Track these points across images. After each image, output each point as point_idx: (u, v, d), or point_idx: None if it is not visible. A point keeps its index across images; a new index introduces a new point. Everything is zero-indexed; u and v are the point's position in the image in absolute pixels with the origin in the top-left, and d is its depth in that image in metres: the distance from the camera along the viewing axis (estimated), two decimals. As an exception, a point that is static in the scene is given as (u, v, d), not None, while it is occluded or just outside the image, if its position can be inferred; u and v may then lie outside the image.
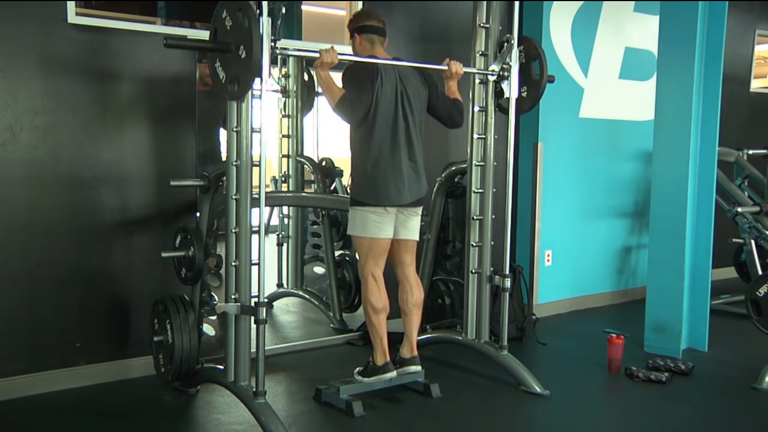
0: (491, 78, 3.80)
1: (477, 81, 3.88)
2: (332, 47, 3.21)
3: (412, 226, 3.49)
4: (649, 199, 4.54)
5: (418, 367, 3.51)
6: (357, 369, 3.52)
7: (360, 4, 4.36)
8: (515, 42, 3.70)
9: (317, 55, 3.18)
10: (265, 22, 2.81)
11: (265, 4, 2.82)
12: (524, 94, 3.82)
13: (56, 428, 3.15)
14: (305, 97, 5.05)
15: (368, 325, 3.47)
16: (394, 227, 3.42)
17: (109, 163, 3.63)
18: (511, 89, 3.73)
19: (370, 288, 3.42)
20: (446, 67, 3.53)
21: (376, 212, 3.34)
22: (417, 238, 3.54)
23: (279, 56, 3.02)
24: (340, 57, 3.21)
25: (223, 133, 3.77)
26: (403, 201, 3.37)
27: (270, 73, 2.87)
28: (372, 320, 3.43)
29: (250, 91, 2.93)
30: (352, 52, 3.49)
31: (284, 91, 5.01)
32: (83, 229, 3.59)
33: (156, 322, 3.50)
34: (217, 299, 4.01)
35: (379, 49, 3.44)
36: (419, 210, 3.51)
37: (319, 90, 4.91)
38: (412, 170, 3.39)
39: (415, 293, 3.55)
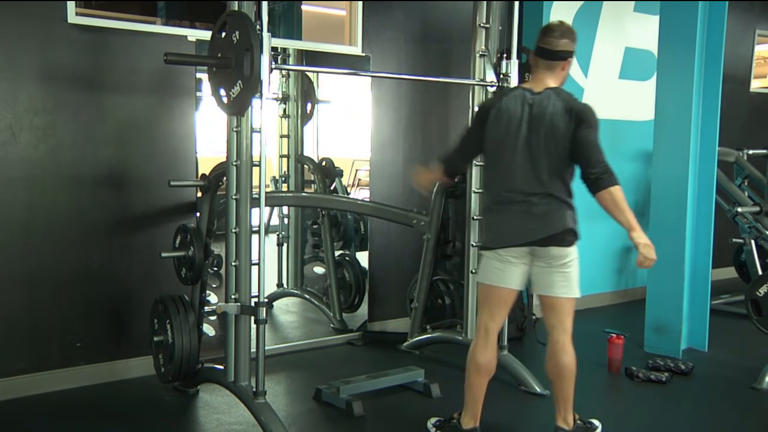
0: (491, 89, 3.81)
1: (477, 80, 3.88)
2: (420, 169, 3.15)
3: (556, 279, 2.85)
4: (649, 199, 4.54)
5: None
6: (433, 420, 3.16)
7: (360, 4, 4.36)
8: (514, 53, 3.70)
9: (316, 69, 3.20)
10: (266, 37, 2.81)
11: (265, 20, 2.81)
12: None
13: (56, 428, 3.15)
14: (304, 105, 5.04)
15: (466, 381, 3.01)
16: (533, 281, 2.92)
17: (109, 163, 3.63)
18: None
19: (478, 341, 2.96)
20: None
21: (498, 257, 2.87)
22: (566, 295, 2.87)
23: (279, 70, 3.01)
24: (337, 70, 3.21)
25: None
26: (519, 240, 2.83)
27: (269, 83, 2.87)
28: (471, 379, 2.98)
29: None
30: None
31: (284, 98, 4.99)
32: (83, 229, 3.59)
33: (156, 322, 3.50)
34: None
35: (541, 76, 2.88)
36: (562, 258, 2.83)
37: (319, 98, 4.93)
38: (534, 205, 2.80)
39: (555, 361, 2.92)
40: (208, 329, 4.08)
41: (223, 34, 2.88)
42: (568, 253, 2.84)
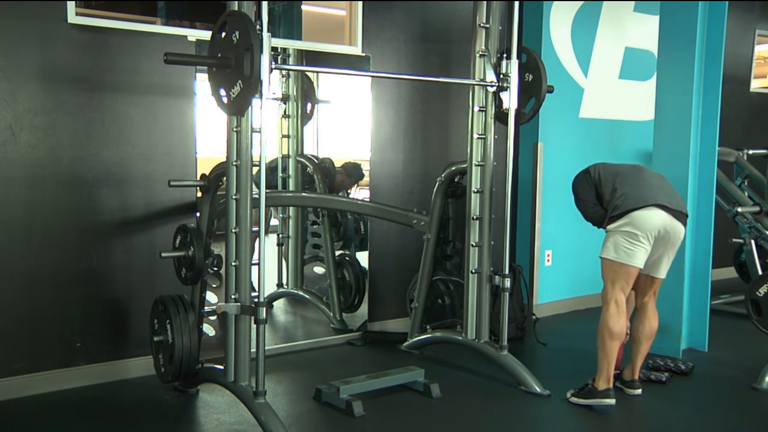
0: (491, 89, 3.81)
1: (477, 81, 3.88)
2: None
3: (664, 262, 3.49)
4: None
5: (636, 391, 3.63)
6: (571, 391, 3.54)
7: (360, 4, 4.36)
8: (514, 53, 3.70)
9: (316, 69, 3.25)
10: (266, 37, 2.81)
11: (265, 20, 2.81)
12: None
13: (56, 428, 3.15)
14: (304, 105, 5.03)
15: (599, 348, 3.44)
16: (648, 261, 3.41)
17: (109, 163, 3.63)
18: (511, 101, 3.74)
19: (611, 312, 3.41)
20: None
21: (629, 236, 3.33)
22: (664, 276, 3.54)
23: (279, 70, 3.01)
24: (337, 70, 3.23)
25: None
26: (660, 200, 3.34)
27: (269, 83, 2.87)
28: (606, 345, 3.41)
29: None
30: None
31: (284, 98, 4.99)
32: (83, 229, 3.59)
33: (156, 322, 3.50)
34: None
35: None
36: (679, 238, 3.42)
37: (319, 98, 4.93)
38: (667, 189, 3.47)
39: (647, 325, 3.59)
40: (208, 329, 4.08)
41: (223, 34, 2.88)
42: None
